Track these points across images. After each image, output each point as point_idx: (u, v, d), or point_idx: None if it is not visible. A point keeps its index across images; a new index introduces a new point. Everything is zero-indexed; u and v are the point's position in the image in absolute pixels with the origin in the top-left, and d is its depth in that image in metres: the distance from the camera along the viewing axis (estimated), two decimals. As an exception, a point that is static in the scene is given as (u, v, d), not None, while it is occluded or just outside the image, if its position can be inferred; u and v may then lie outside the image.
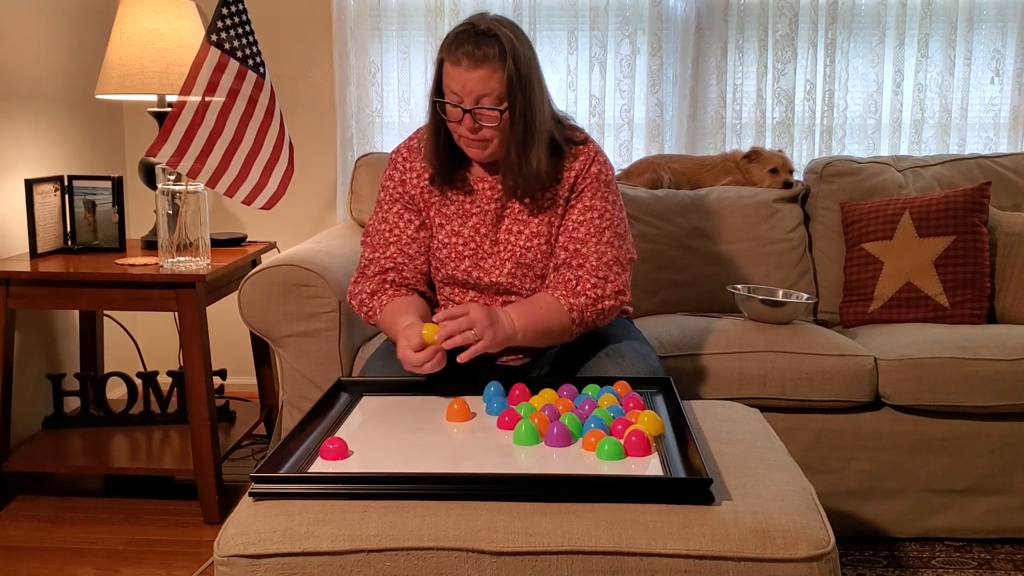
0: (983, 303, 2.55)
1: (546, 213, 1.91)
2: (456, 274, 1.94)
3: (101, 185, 2.78)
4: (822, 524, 1.32)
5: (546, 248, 1.91)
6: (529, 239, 1.90)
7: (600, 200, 1.89)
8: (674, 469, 1.38)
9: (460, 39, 1.75)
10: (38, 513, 2.55)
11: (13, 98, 2.77)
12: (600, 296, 1.84)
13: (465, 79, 1.74)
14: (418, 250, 1.95)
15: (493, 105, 1.76)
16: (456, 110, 1.78)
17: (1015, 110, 3.29)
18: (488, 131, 1.79)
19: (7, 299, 2.48)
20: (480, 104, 1.76)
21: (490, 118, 1.78)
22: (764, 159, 2.96)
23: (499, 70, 1.74)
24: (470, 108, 1.76)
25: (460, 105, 1.77)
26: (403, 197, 1.96)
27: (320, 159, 3.47)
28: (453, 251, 1.93)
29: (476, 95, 1.75)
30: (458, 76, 1.75)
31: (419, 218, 1.96)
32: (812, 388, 2.27)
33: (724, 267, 2.77)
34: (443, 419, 1.62)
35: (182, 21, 2.77)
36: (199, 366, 2.46)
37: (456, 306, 1.70)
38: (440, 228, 1.94)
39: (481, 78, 1.74)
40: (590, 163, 1.90)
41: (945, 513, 2.34)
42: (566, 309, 1.82)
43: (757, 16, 3.27)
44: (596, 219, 1.88)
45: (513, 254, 1.91)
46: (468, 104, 1.76)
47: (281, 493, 1.34)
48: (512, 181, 1.85)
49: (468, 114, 1.77)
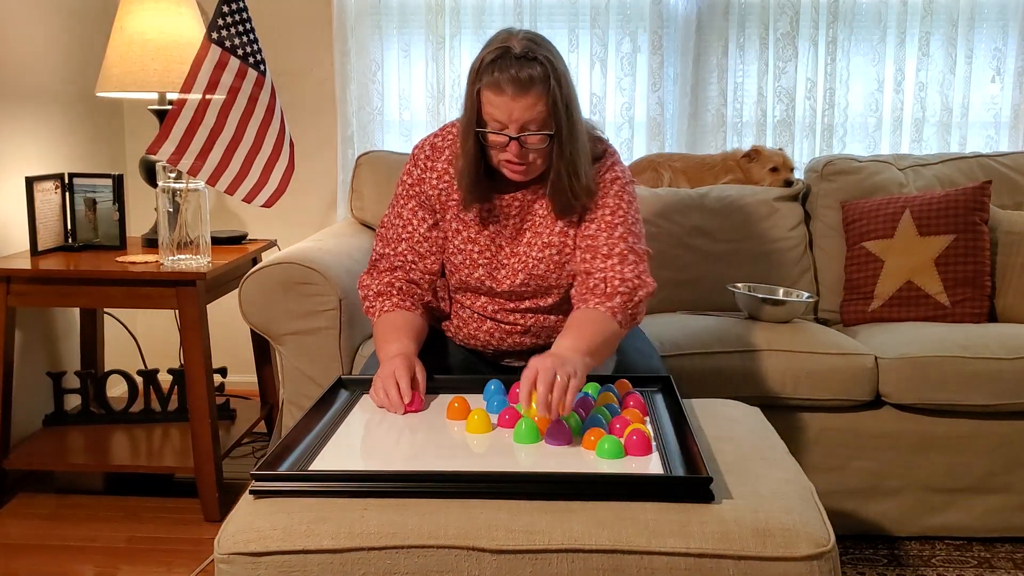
0: (984, 302, 2.55)
1: (564, 223, 1.87)
2: (469, 281, 1.92)
3: (102, 183, 2.78)
4: (822, 523, 1.32)
5: (557, 259, 1.88)
6: (542, 250, 1.87)
7: (613, 198, 1.86)
8: (674, 467, 1.38)
9: (500, 66, 1.68)
10: (38, 511, 2.55)
11: (14, 95, 2.77)
12: (633, 289, 1.79)
13: (511, 108, 1.69)
14: (429, 249, 1.93)
15: (539, 130, 1.72)
16: (500, 138, 1.73)
17: (1016, 109, 3.29)
18: (533, 155, 1.75)
19: (8, 297, 2.48)
20: (527, 131, 1.72)
21: (537, 143, 1.74)
22: (765, 158, 2.96)
23: (544, 95, 1.69)
24: (516, 136, 1.71)
25: (504, 132, 1.72)
26: (419, 195, 1.92)
27: (321, 157, 3.47)
28: (468, 258, 1.90)
29: (522, 122, 1.70)
30: (502, 105, 1.69)
31: (433, 218, 1.93)
32: (813, 387, 2.27)
33: (725, 266, 2.77)
34: (444, 417, 1.62)
35: (183, 19, 2.77)
36: (199, 364, 2.47)
37: (522, 372, 1.57)
38: (456, 233, 1.91)
39: (527, 106, 1.69)
40: (605, 171, 1.87)
41: (945, 512, 2.34)
42: (608, 315, 1.76)
43: (758, 14, 3.27)
44: (608, 215, 1.84)
45: (526, 265, 1.88)
46: (514, 132, 1.71)
47: (281, 491, 1.34)
48: (564, 200, 1.81)
49: (514, 141, 1.72)
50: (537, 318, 1.93)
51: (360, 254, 2.54)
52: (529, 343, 1.96)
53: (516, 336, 1.94)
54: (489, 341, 1.96)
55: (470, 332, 1.97)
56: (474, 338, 1.98)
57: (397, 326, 1.85)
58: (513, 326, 1.93)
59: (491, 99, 1.70)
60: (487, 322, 1.94)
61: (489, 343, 1.96)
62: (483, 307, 1.93)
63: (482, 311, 1.93)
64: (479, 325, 1.95)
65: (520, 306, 1.92)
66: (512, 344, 1.96)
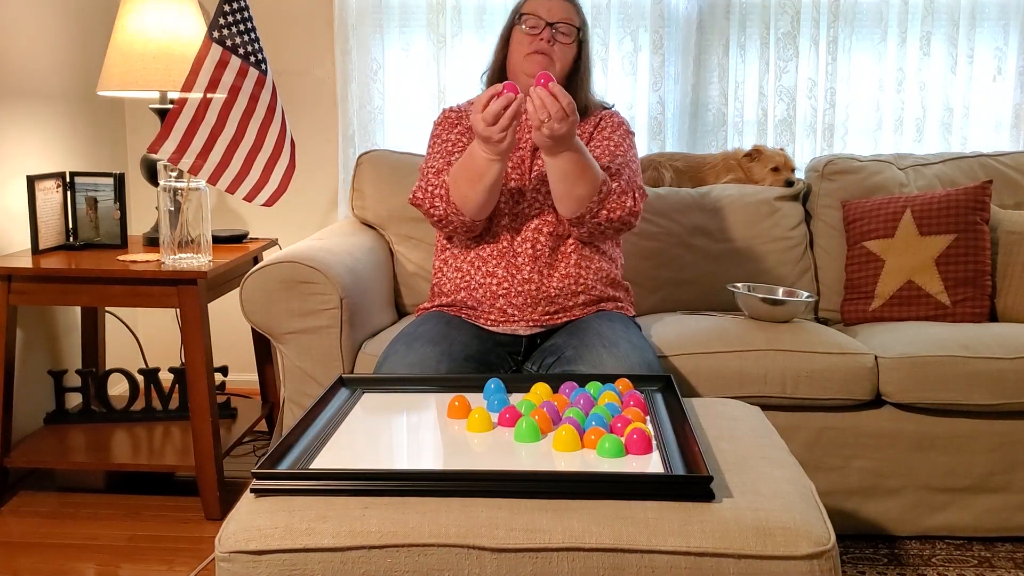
0: (984, 301, 2.55)
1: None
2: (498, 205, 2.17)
3: (103, 181, 2.78)
4: (822, 522, 1.32)
5: None
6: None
7: (621, 136, 2.22)
8: (675, 466, 1.38)
9: None
10: (39, 509, 2.56)
11: (15, 94, 2.77)
12: (624, 191, 2.09)
13: (551, 5, 2.16)
14: None
15: (571, 27, 2.17)
16: (538, 22, 2.15)
17: (1017, 108, 3.29)
18: (559, 48, 2.15)
19: (9, 295, 2.49)
20: (561, 22, 2.15)
21: (566, 33, 2.16)
22: (766, 157, 2.96)
23: (576, 11, 2.20)
24: (553, 22, 2.14)
25: (542, 19, 2.14)
26: (459, 126, 2.25)
27: (322, 156, 3.48)
28: None
29: (560, 17, 2.15)
30: (544, 3, 2.16)
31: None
32: (813, 386, 2.27)
33: (725, 265, 2.77)
34: (444, 416, 1.62)
35: (184, 18, 2.77)
36: (200, 363, 2.47)
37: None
38: None
39: (564, 7, 2.17)
40: (614, 116, 2.27)
41: (945, 511, 2.34)
42: (602, 178, 2.06)
43: (759, 13, 3.27)
44: (613, 147, 2.18)
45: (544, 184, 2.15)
46: (550, 19, 2.15)
47: (282, 489, 1.34)
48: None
49: (548, 27, 2.14)
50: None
51: (361, 252, 2.55)
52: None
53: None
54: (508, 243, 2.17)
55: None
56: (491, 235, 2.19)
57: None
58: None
59: (534, 4, 2.17)
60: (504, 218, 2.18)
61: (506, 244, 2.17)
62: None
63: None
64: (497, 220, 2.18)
65: (540, 229, 2.16)
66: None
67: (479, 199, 2.05)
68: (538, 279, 2.13)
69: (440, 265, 2.26)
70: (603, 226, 2.10)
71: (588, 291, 2.16)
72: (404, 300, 2.77)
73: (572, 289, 2.14)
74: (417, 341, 2.01)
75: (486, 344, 2.11)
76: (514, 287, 2.13)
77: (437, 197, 2.11)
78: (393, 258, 2.79)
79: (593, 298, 2.17)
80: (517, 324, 2.14)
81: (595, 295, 2.17)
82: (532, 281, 2.12)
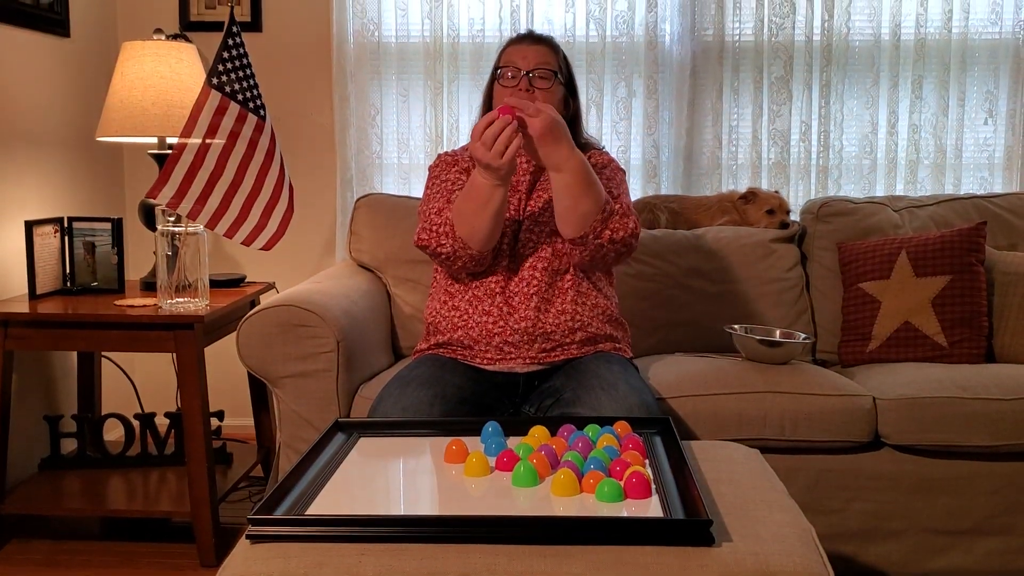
0: (981, 342, 2.55)
1: None
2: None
3: (101, 226, 2.79)
4: (823, 565, 1.31)
5: None
6: (548, 203, 2.18)
7: (613, 171, 2.25)
8: (674, 510, 1.37)
9: (520, 35, 2.26)
10: (34, 556, 2.53)
11: (14, 139, 2.79)
12: (626, 213, 2.09)
13: (526, 51, 2.19)
14: None
15: (548, 71, 2.18)
16: (516, 72, 2.18)
17: (1009, 150, 3.32)
18: (540, 94, 2.16)
19: (5, 340, 2.48)
20: (537, 68, 2.18)
21: (545, 78, 2.18)
22: (760, 200, 2.98)
23: (553, 54, 2.22)
24: (528, 71, 2.17)
25: (519, 71, 2.18)
26: (456, 166, 2.27)
27: (320, 200, 3.49)
28: None
29: (535, 63, 2.18)
30: (519, 51, 2.20)
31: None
32: (811, 428, 2.27)
33: (721, 306, 2.78)
34: (441, 460, 1.62)
35: (183, 64, 2.80)
36: (197, 408, 2.46)
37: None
38: None
39: (539, 52, 2.20)
40: (604, 155, 2.32)
41: (947, 554, 2.32)
42: (606, 197, 2.07)
43: (752, 58, 3.31)
44: (607, 180, 2.20)
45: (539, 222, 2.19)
46: (525, 68, 2.18)
47: (278, 536, 1.33)
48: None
49: (526, 76, 2.16)
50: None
51: (358, 295, 2.55)
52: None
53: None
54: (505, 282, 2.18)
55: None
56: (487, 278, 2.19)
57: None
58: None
59: (511, 50, 2.22)
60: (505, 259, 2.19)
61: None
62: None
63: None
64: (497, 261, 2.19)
65: (533, 269, 2.17)
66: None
67: (486, 227, 2.05)
68: (535, 315, 2.12)
69: (437, 306, 2.26)
70: (605, 247, 2.08)
71: (585, 328, 2.15)
72: (401, 343, 2.77)
73: (569, 326, 2.14)
74: (410, 384, 2.00)
75: (482, 386, 2.10)
76: (510, 324, 2.12)
77: (443, 235, 2.11)
78: (390, 300, 2.79)
79: (590, 335, 2.17)
80: (514, 362, 2.14)
81: (592, 332, 2.17)
82: (528, 318, 2.12)
